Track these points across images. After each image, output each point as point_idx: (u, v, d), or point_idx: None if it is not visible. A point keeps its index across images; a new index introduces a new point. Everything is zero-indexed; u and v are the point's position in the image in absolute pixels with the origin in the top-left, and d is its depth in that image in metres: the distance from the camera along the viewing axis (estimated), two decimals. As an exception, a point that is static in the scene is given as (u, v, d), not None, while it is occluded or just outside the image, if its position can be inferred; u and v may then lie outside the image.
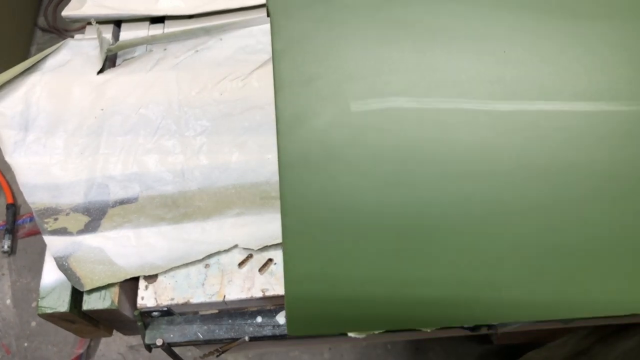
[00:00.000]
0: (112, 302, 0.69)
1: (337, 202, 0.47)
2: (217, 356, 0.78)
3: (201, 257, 0.71)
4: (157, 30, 0.91)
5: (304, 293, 0.45)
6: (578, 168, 0.49)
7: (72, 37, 0.91)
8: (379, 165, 0.48)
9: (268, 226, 0.72)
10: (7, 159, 0.79)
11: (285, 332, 0.71)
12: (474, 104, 0.50)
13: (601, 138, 0.50)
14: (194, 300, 0.69)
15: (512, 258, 0.46)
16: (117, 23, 0.92)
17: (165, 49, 0.88)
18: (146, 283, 0.71)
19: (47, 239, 0.73)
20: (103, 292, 0.70)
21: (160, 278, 0.71)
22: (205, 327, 0.73)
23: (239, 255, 0.72)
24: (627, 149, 0.50)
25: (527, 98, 0.51)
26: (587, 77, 0.52)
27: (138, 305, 0.70)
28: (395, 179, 0.48)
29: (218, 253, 0.72)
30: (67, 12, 0.90)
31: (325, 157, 0.49)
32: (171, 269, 0.71)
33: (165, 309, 0.71)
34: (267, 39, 0.87)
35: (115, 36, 0.91)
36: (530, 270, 0.46)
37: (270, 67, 0.84)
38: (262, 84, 0.83)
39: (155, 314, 0.72)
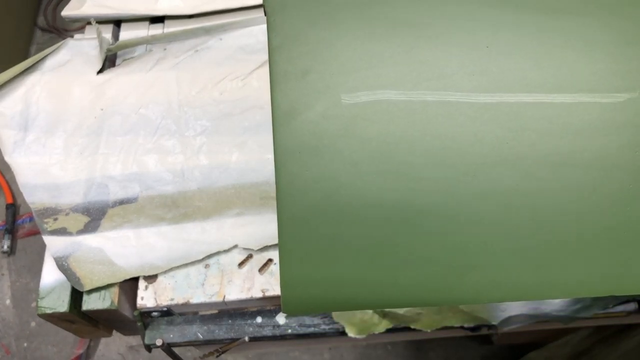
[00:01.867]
0: (112, 302, 0.69)
1: (329, 189, 0.50)
2: (217, 356, 0.78)
3: (201, 257, 0.71)
4: (156, 30, 0.90)
5: (298, 272, 0.48)
6: (557, 157, 0.52)
7: (72, 37, 0.91)
8: (368, 154, 0.51)
9: (268, 226, 0.72)
10: (7, 158, 0.79)
11: (286, 332, 0.71)
12: (458, 96, 0.53)
13: (580, 128, 0.53)
14: (194, 301, 0.69)
15: (495, 243, 0.49)
16: (117, 23, 0.92)
17: (165, 49, 0.87)
18: (146, 283, 0.71)
19: (47, 239, 0.72)
20: (103, 292, 0.70)
21: (160, 278, 0.71)
22: (205, 327, 0.73)
23: (238, 256, 0.72)
24: (605, 139, 0.53)
25: (509, 90, 0.53)
26: (567, 70, 0.55)
27: (138, 305, 0.70)
28: (382, 167, 0.51)
29: (218, 253, 0.72)
30: (67, 11, 0.90)
31: (317, 146, 0.52)
32: (171, 269, 0.71)
33: (165, 309, 0.71)
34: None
35: (115, 36, 0.91)
36: (512, 254, 0.49)
37: (270, 66, 0.84)
38: (262, 83, 0.82)
39: (155, 314, 0.72)
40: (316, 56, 0.54)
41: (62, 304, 0.69)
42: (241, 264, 0.71)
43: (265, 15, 0.55)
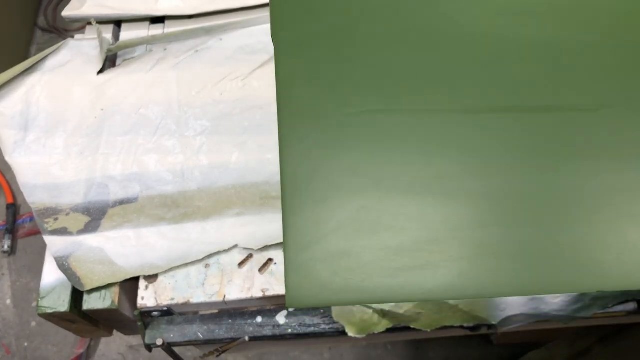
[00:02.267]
0: (112, 302, 0.69)
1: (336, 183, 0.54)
2: (217, 356, 0.79)
3: (201, 257, 0.71)
4: (157, 30, 0.91)
5: (303, 263, 0.50)
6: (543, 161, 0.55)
7: (72, 37, 0.91)
8: (364, 159, 0.55)
9: (268, 226, 0.72)
10: (7, 158, 0.79)
11: (286, 332, 0.71)
12: (446, 106, 0.57)
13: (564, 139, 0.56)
14: (194, 300, 0.70)
15: (486, 243, 0.51)
16: (118, 23, 0.92)
17: (165, 49, 0.88)
18: (146, 283, 0.71)
19: (48, 239, 0.73)
20: (103, 292, 0.70)
21: (160, 278, 0.71)
22: (205, 327, 0.73)
23: (239, 255, 0.72)
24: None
25: (495, 102, 0.57)
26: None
27: (138, 305, 0.70)
28: (378, 173, 0.54)
29: (218, 253, 0.72)
30: (68, 12, 0.90)
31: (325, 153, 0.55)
32: (171, 269, 0.71)
33: (166, 308, 0.71)
34: (268, 39, 0.87)
35: (116, 36, 0.91)
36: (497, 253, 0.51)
37: (270, 65, 0.84)
38: (262, 84, 0.83)
39: (155, 313, 0.72)
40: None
41: (62, 304, 0.69)
42: (241, 264, 0.71)
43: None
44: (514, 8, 0.61)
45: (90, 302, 0.70)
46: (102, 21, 0.90)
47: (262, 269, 0.71)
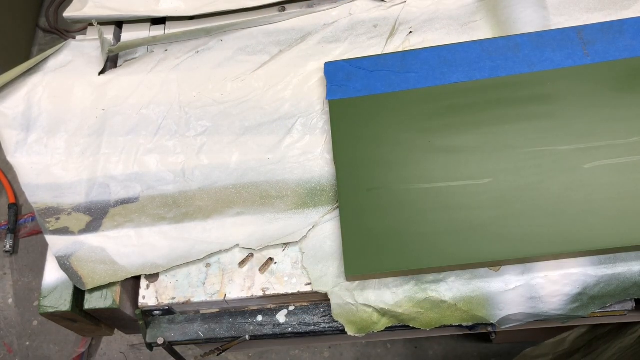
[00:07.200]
0: (114, 301, 0.70)
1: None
2: (218, 355, 0.79)
3: (202, 257, 0.71)
4: (158, 31, 0.91)
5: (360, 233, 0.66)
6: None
7: (74, 38, 0.91)
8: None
9: (268, 226, 0.73)
10: (9, 158, 0.79)
11: (286, 330, 0.72)
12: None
13: None
14: (195, 300, 0.70)
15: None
16: (119, 24, 0.93)
17: (166, 50, 0.88)
18: (147, 282, 0.72)
19: (49, 238, 0.73)
20: (104, 291, 0.71)
21: (161, 277, 0.72)
22: (206, 326, 0.73)
23: (239, 255, 0.72)
24: None
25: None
26: None
27: (139, 304, 0.71)
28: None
29: (219, 252, 0.72)
30: (69, 13, 0.91)
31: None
32: (172, 268, 0.72)
33: (167, 308, 0.71)
34: (268, 40, 0.87)
35: (117, 37, 0.92)
36: None
37: (270, 66, 0.85)
38: (263, 84, 0.83)
39: (156, 313, 0.72)
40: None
41: (64, 303, 0.70)
42: (242, 263, 0.72)
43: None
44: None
45: (92, 302, 0.70)
46: (103, 22, 0.91)
47: (263, 268, 0.71)
